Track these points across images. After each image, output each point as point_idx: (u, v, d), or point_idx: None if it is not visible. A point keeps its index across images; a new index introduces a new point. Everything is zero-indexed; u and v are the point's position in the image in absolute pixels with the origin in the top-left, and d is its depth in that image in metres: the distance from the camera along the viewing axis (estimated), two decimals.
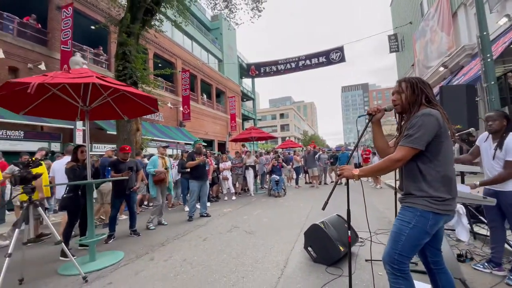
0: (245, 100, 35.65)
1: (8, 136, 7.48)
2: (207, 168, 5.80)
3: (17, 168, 5.30)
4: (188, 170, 5.44)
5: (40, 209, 2.72)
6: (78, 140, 7.56)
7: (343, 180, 1.78)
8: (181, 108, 17.83)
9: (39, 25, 10.58)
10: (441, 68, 12.49)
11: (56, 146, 8.62)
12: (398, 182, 1.78)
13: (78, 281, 2.69)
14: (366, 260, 2.95)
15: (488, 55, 4.03)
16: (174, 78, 17.99)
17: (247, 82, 36.21)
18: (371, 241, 2.82)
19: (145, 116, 13.33)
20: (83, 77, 2.77)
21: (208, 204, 6.96)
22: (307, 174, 10.86)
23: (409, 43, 18.57)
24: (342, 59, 19.95)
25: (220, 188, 8.35)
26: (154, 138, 12.69)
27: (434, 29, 13.52)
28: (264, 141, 39.64)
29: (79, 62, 6.96)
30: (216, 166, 7.79)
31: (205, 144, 18.63)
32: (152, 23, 9.24)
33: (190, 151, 6.18)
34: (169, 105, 16.59)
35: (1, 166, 5.61)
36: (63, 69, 9.92)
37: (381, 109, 1.74)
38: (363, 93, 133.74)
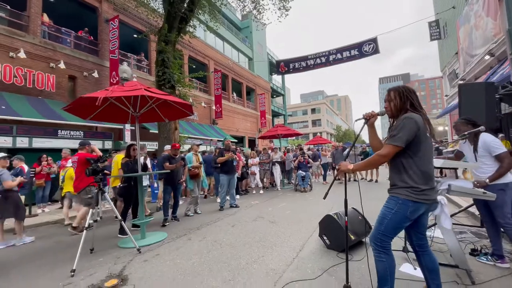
0: (275, 96, 35.86)
1: (72, 136, 8.89)
2: (235, 164, 6.35)
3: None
4: (219, 165, 6.06)
5: (106, 195, 3.49)
6: (127, 139, 8.67)
7: (351, 178, 2.14)
8: (213, 107, 18.81)
9: (91, 37, 12.10)
10: (487, 57, 11.44)
11: (108, 144, 9.94)
12: None
13: (133, 252, 3.42)
14: None
15: None
16: (207, 78, 18.97)
17: (277, 78, 36.33)
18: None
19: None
20: (134, 89, 3.45)
21: (238, 196, 7.58)
22: (335, 171, 10.93)
23: (452, 29, 17.13)
24: (376, 51, 19.09)
25: (248, 182, 8.91)
26: (190, 136, 13.71)
27: (479, 14, 12.37)
28: (294, 137, 39.56)
29: (127, 70, 7.97)
30: (245, 161, 8.35)
31: (236, 140, 19.51)
32: (187, 29, 10.03)
33: (239, 147, 6.85)
34: (202, 104, 17.65)
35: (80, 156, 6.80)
36: (111, 76, 11.30)
37: (374, 114, 2.05)
38: (403, 84, 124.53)
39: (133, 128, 9.99)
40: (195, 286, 2.46)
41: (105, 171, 3.52)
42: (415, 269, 2.67)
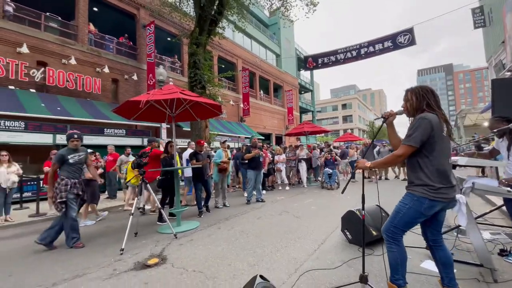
0: (303, 92, 35.42)
1: (116, 133, 9.85)
2: (261, 160, 6.61)
3: (124, 159, 7.14)
4: (246, 161, 6.37)
5: (148, 185, 3.98)
6: (163, 136, 9.40)
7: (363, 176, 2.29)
8: (241, 105, 19.27)
9: (131, 43, 13.14)
10: None
11: (146, 141, 10.83)
12: None
13: (171, 237, 3.88)
14: None
15: None
16: (235, 77, 19.44)
17: (305, 74, 35.80)
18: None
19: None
20: (171, 93, 3.86)
21: (264, 192, 7.85)
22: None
23: (498, 16, 15.52)
24: (412, 42, 17.91)
25: (275, 179, 9.13)
26: (219, 133, 14.27)
27: None
28: (323, 134, 38.75)
29: (163, 73, 8.63)
30: (271, 158, 8.58)
31: (263, 138, 19.77)
32: (216, 31, 10.45)
33: (266, 144, 7.13)
34: (231, 102, 18.17)
35: (114, 157, 7.62)
36: (148, 78, 12.21)
37: (393, 113, 2.14)
38: (445, 75, 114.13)
39: (169, 126, 10.76)
40: (223, 267, 2.78)
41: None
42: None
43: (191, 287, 2.40)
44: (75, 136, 3.83)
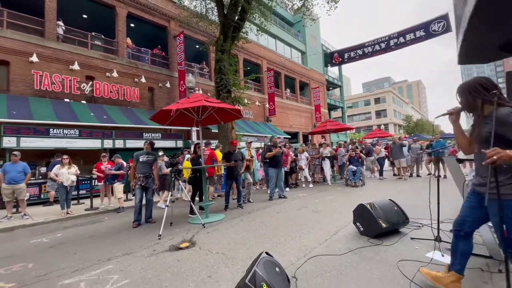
0: (331, 88, 34.67)
1: (153, 137, 10.90)
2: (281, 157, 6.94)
3: (166, 159, 7.98)
4: (267, 160, 6.76)
5: (180, 182, 4.61)
6: (194, 138, 10.20)
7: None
8: (267, 105, 19.66)
9: (163, 53, 14.29)
10: None
11: (180, 143, 11.78)
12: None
13: (199, 226, 4.45)
14: (412, 238, 3.41)
15: None
16: (260, 78, 19.90)
17: (333, 69, 34.99)
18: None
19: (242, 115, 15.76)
20: (196, 101, 4.42)
21: (287, 189, 8.18)
22: (394, 166, 10.43)
23: None
24: (447, 29, 16.78)
25: (298, 176, 9.38)
26: (245, 134, 14.84)
27: None
28: (353, 131, 37.50)
29: (191, 80, 9.39)
30: (294, 156, 8.86)
31: (289, 136, 19.93)
32: (240, 36, 10.96)
33: (288, 143, 7.55)
34: (256, 103, 18.68)
35: None
36: (180, 85, 13.19)
37: (453, 112, 2.00)
38: (495, 62, 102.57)
39: (198, 129, 11.61)
40: (242, 251, 3.22)
41: (179, 165, 4.65)
42: (442, 255, 2.84)
43: (214, 263, 2.88)
44: (146, 142, 5.11)
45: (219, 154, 6.64)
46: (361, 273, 2.55)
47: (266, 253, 2.25)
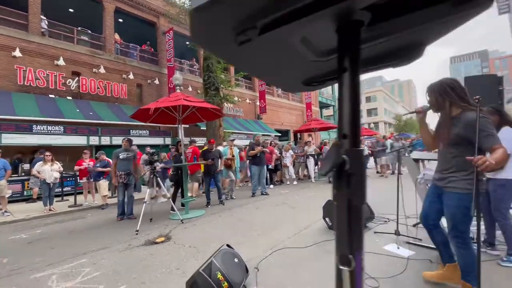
0: None
1: (140, 134, 10.92)
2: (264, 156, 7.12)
3: (146, 157, 8.04)
4: (251, 157, 6.92)
5: (158, 179, 4.72)
6: (181, 136, 10.28)
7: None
8: (258, 103, 19.76)
9: (152, 49, 14.21)
10: None
11: (168, 140, 11.83)
12: None
13: (178, 222, 4.59)
14: (375, 232, 3.63)
15: None
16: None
17: None
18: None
19: (228, 112, 15.81)
20: (175, 100, 4.52)
21: (271, 186, 8.37)
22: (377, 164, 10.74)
23: None
24: None
25: (284, 174, 9.58)
26: (235, 131, 14.94)
27: None
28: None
29: (178, 78, 9.38)
30: (279, 154, 9.04)
31: (280, 134, 20.12)
32: None
33: (273, 141, 7.68)
34: (247, 101, 18.76)
35: (138, 155, 8.57)
36: (169, 82, 13.18)
37: (420, 110, 2.10)
38: (481, 62, 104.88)
39: (187, 126, 11.65)
40: (214, 245, 3.36)
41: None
42: (398, 248, 3.06)
43: (185, 256, 3.03)
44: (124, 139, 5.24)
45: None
46: (320, 264, 2.73)
47: (227, 245, 2.40)
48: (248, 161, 7.55)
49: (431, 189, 2.28)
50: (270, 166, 8.33)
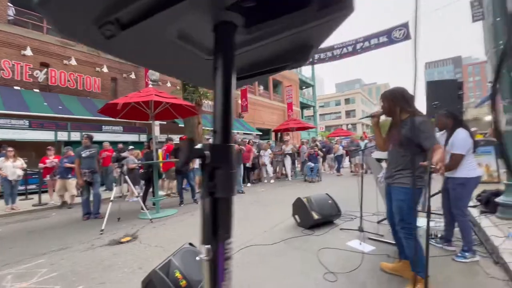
0: (304, 87, 35.53)
1: (113, 130, 10.51)
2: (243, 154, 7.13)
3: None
4: None
5: (126, 177, 4.57)
6: (156, 133, 9.99)
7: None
8: (239, 101, 19.71)
9: None
10: None
11: (143, 137, 11.47)
12: None
13: (147, 221, 4.48)
14: (341, 229, 3.76)
15: (500, 41, 3.91)
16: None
17: (307, 69, 35.88)
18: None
19: (208, 110, 15.63)
20: (147, 95, 4.40)
21: (249, 184, 8.40)
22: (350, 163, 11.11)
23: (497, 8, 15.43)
24: (407, 37, 17.94)
25: (262, 172, 9.65)
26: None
27: None
28: (323, 129, 38.86)
29: (155, 73, 9.17)
30: (257, 153, 9.09)
31: (261, 133, 20.22)
32: None
33: (252, 140, 7.66)
34: None
35: (110, 152, 8.25)
36: (146, 76, 12.78)
37: (375, 114, 2.35)
38: (454, 68, 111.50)
39: (164, 123, 11.37)
40: (182, 243, 3.32)
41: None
42: (360, 244, 3.19)
43: (149, 256, 2.97)
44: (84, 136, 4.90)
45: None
46: (285, 260, 2.80)
47: (190, 244, 2.38)
48: None
49: (386, 189, 2.42)
50: (247, 165, 8.35)
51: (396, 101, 2.14)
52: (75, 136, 9.39)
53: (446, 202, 3.01)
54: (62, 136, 9.04)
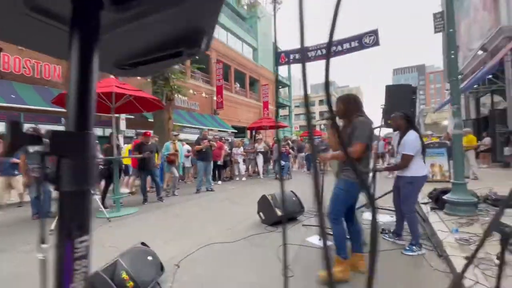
0: (280, 87, 35.95)
1: None
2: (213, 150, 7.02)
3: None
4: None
5: None
6: (122, 127, 9.47)
7: None
8: (215, 98, 19.41)
9: None
10: (480, 52, 11.36)
11: (108, 131, 10.82)
12: None
13: (105, 220, 4.22)
14: (303, 225, 3.83)
15: (452, 51, 4.24)
16: (209, 69, 19.46)
17: (284, 69, 36.31)
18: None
19: (182, 105, 15.19)
20: (106, 86, 4.13)
21: (220, 182, 8.30)
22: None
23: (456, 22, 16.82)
24: (376, 43, 18.85)
25: (234, 170, 9.60)
26: (188, 125, 14.42)
27: (476, 8, 12.17)
28: (298, 129, 39.68)
29: None
30: (228, 150, 9.01)
31: (236, 131, 20.10)
32: None
33: (224, 137, 7.56)
34: (203, 94, 18.26)
35: None
36: None
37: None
38: (418, 75, 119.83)
39: (132, 117, 10.82)
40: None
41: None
42: (319, 239, 3.27)
43: (101, 257, 2.77)
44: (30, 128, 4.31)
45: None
46: (244, 257, 2.78)
47: (142, 243, 2.27)
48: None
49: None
50: (219, 162, 8.25)
51: (349, 104, 2.38)
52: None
53: (397, 199, 3.20)
54: None
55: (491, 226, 0.91)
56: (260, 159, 9.49)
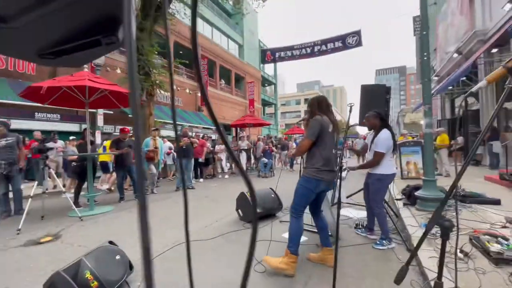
0: (266, 85, 35.99)
1: (48, 118, 9.33)
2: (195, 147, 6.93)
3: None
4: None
5: (51, 170, 4.08)
6: (100, 122, 9.13)
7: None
8: (199, 94, 19.13)
9: None
10: (455, 55, 11.90)
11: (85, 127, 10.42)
12: None
13: (77, 219, 4.07)
14: (280, 221, 3.87)
15: (425, 53, 4.41)
16: (192, 65, 19.11)
17: (269, 67, 36.35)
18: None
19: (165, 101, 14.84)
20: (79, 80, 3.95)
21: (201, 180, 8.22)
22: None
23: (433, 26, 17.47)
24: (359, 44, 19.28)
25: (216, 168, 9.53)
26: (169, 122, 14.10)
27: (454, 12, 12.71)
28: (284, 127, 39.92)
29: (101, 57, 8.34)
30: (211, 148, 8.92)
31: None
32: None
33: (206, 134, 7.47)
34: (187, 91, 17.94)
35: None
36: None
37: (305, 118, 2.78)
38: (399, 76, 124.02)
39: (112, 112, 10.45)
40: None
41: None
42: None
43: (68, 257, 2.68)
44: None
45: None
46: (218, 255, 2.77)
47: (110, 242, 2.21)
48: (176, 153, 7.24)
49: None
50: (200, 160, 8.15)
51: (312, 106, 2.56)
52: None
53: (367, 195, 3.30)
54: None
55: (433, 220, 0.96)
56: (243, 157, 9.48)
